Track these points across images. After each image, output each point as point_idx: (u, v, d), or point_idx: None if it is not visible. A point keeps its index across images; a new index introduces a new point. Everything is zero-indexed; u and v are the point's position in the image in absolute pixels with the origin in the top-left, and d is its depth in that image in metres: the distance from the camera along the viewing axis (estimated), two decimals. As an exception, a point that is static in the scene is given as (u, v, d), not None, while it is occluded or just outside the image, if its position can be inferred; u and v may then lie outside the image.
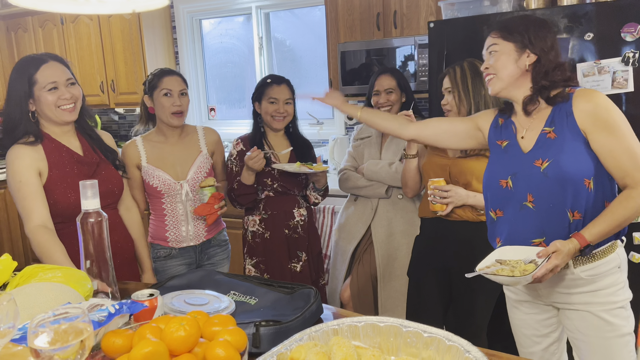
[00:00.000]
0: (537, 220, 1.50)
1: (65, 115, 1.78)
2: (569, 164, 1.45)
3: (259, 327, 1.13)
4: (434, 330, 1.00)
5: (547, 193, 1.47)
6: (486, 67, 1.60)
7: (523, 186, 1.52)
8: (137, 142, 2.20)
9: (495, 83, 1.57)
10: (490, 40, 1.60)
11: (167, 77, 2.14)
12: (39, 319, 0.87)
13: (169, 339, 0.93)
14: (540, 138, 1.52)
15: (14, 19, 4.42)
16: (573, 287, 1.52)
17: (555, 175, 1.46)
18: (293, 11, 3.98)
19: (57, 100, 1.74)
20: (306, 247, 2.38)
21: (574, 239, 1.41)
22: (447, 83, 2.05)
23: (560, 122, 1.49)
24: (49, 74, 1.74)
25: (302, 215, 2.38)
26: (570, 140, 1.46)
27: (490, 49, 1.59)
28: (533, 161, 1.50)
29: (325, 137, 3.81)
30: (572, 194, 1.45)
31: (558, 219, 1.47)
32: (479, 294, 2.03)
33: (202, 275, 1.50)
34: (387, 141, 2.48)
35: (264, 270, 2.35)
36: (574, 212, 1.46)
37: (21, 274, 1.36)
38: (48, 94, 1.73)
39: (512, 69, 1.54)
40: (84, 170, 1.83)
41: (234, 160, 2.35)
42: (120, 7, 1.34)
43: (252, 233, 2.37)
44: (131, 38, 3.97)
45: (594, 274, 1.49)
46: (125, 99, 4.10)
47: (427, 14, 2.94)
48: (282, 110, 2.29)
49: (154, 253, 2.25)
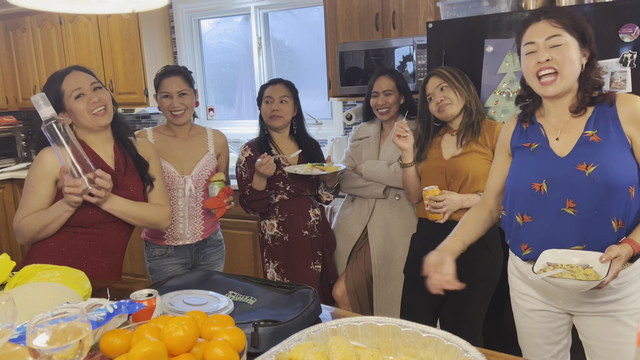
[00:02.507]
0: (579, 226, 1.41)
1: (99, 120, 1.74)
2: (617, 170, 1.37)
3: (257, 327, 1.13)
4: (432, 330, 1.00)
5: (592, 199, 1.39)
6: (547, 58, 1.39)
7: (562, 191, 1.43)
8: (147, 132, 2.24)
9: (558, 83, 1.40)
10: (551, 30, 1.39)
11: (166, 79, 2.17)
12: (38, 318, 0.87)
13: (168, 339, 0.93)
14: (581, 141, 1.42)
15: (13, 19, 4.41)
16: (600, 296, 1.45)
17: (603, 181, 1.37)
18: (292, 11, 3.98)
19: (87, 106, 1.71)
20: (322, 246, 2.41)
21: (627, 244, 1.35)
22: (438, 81, 2.06)
23: (605, 126, 1.40)
24: (73, 82, 1.72)
25: (317, 215, 2.40)
26: (617, 146, 1.38)
27: (554, 40, 1.38)
28: (575, 165, 1.41)
29: (324, 137, 3.81)
30: (616, 201, 1.38)
31: (602, 226, 1.40)
32: (473, 293, 2.03)
33: (201, 275, 1.50)
34: (385, 142, 2.48)
35: (284, 274, 2.36)
36: (618, 220, 1.39)
37: (20, 274, 1.36)
38: (76, 102, 1.71)
39: (577, 68, 1.39)
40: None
41: (242, 166, 2.36)
42: (119, 6, 1.34)
43: (271, 237, 2.37)
44: (130, 38, 3.96)
45: (621, 282, 1.43)
46: (124, 99, 4.10)
47: (426, 15, 2.94)
48: (276, 107, 2.29)
49: (149, 252, 2.26)
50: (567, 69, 1.38)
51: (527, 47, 1.44)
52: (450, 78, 2.06)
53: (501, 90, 2.19)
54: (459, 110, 2.06)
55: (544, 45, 1.39)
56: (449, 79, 2.06)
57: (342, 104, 3.73)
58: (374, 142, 2.51)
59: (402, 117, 2.31)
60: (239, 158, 2.40)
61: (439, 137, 2.15)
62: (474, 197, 2.00)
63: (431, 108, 2.10)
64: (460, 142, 2.05)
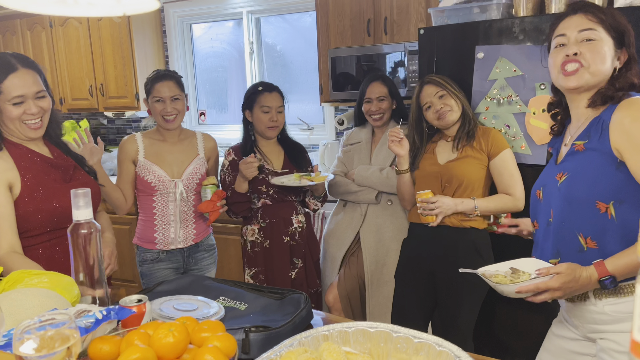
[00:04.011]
0: (554, 239, 1.36)
1: (30, 132, 1.62)
2: (581, 182, 1.28)
3: (248, 332, 1.13)
4: (424, 336, 0.99)
5: (559, 210, 1.33)
6: (575, 52, 1.28)
7: (547, 200, 1.39)
8: (137, 137, 2.23)
9: (582, 74, 1.28)
10: (586, 23, 1.28)
11: (159, 84, 2.16)
12: (25, 325, 0.85)
13: (158, 345, 0.92)
14: (570, 150, 1.35)
15: (2, 22, 4.38)
16: (600, 323, 1.32)
17: (566, 192, 1.31)
18: (284, 16, 3.99)
19: (22, 115, 1.59)
20: (303, 254, 2.38)
21: (593, 266, 1.23)
22: (435, 89, 2.07)
23: (594, 135, 1.29)
24: (17, 86, 1.56)
25: (301, 221, 2.37)
26: (595, 157, 1.26)
27: (586, 34, 1.27)
28: (556, 174, 1.36)
29: (316, 142, 3.81)
30: (581, 216, 1.28)
31: (569, 241, 1.32)
32: (463, 298, 2.04)
33: (191, 280, 1.49)
34: (377, 147, 2.48)
35: (263, 280, 2.34)
36: (586, 237, 1.29)
37: (7, 280, 1.34)
38: (13, 107, 1.57)
39: (607, 68, 1.27)
40: (59, 174, 1.68)
41: (226, 170, 2.35)
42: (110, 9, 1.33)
43: (251, 243, 2.35)
44: (121, 42, 3.95)
45: (620, 310, 1.27)
46: (115, 103, 4.08)
47: (417, 21, 2.96)
48: (275, 118, 2.28)
49: (140, 256, 2.25)
50: (595, 66, 1.26)
51: (557, 39, 1.33)
52: (446, 85, 2.06)
53: (492, 96, 2.21)
54: (458, 116, 2.07)
55: (575, 39, 1.28)
56: (446, 86, 2.06)
57: (333, 109, 3.73)
58: (365, 147, 2.51)
59: (396, 124, 2.32)
60: (223, 162, 2.38)
61: (433, 143, 2.16)
62: (468, 202, 2.01)
63: (428, 116, 2.10)
64: (456, 146, 2.06)
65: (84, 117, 4.46)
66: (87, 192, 1.20)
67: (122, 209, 2.20)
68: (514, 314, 2.29)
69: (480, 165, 2.03)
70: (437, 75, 2.13)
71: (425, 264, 2.12)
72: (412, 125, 2.17)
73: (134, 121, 4.55)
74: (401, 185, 2.19)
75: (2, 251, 1.55)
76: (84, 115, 4.57)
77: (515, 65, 2.14)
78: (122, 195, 2.18)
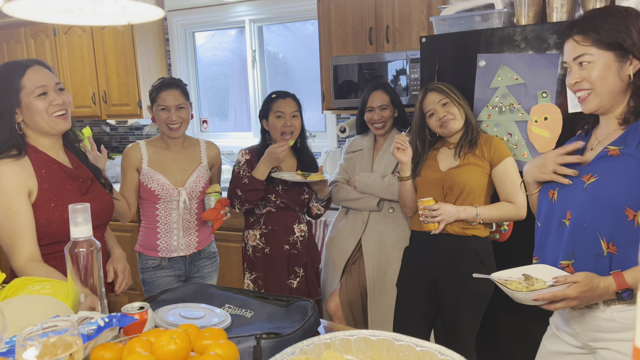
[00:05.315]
0: (569, 239, 1.34)
1: (59, 123, 1.62)
2: (613, 185, 1.26)
3: (260, 340, 1.12)
4: (426, 344, 0.99)
5: (583, 211, 1.31)
6: (576, 80, 1.32)
7: (564, 201, 1.37)
8: (141, 145, 2.23)
9: (591, 100, 1.32)
10: (578, 49, 1.31)
11: (164, 92, 2.16)
12: (28, 332, 0.86)
13: (159, 353, 0.92)
14: (601, 154, 1.33)
15: (6, 30, 4.41)
16: (606, 331, 1.30)
17: (594, 193, 1.29)
18: (286, 25, 4.01)
19: (48, 107, 1.58)
20: (304, 262, 2.38)
21: (612, 277, 1.23)
22: (438, 97, 2.07)
23: (631, 141, 1.27)
24: (37, 78, 1.58)
25: (303, 230, 2.38)
26: (631, 164, 1.25)
27: (581, 59, 1.31)
28: (582, 175, 1.34)
29: (318, 149, 3.82)
30: (608, 219, 1.27)
31: (589, 243, 1.30)
32: (466, 306, 2.03)
33: (195, 288, 1.49)
34: (379, 154, 2.49)
35: (262, 286, 2.34)
36: (609, 242, 1.27)
37: (9, 287, 1.34)
38: (37, 100, 1.57)
39: (613, 83, 1.28)
40: (76, 186, 1.67)
41: (241, 166, 2.35)
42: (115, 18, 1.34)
43: (252, 247, 2.36)
44: (124, 50, 3.97)
45: (630, 318, 1.26)
46: (117, 111, 4.09)
47: (419, 29, 2.97)
48: (289, 123, 2.29)
49: (143, 263, 2.25)
50: (600, 88, 1.29)
51: (565, 64, 1.38)
52: (450, 93, 2.06)
53: (494, 104, 2.21)
54: (461, 125, 2.07)
55: (575, 65, 1.33)
56: (449, 94, 2.06)
57: (335, 116, 3.74)
58: (367, 155, 2.51)
59: (398, 131, 2.32)
60: (238, 159, 2.38)
61: (435, 150, 2.16)
62: (470, 209, 2.00)
63: (431, 124, 2.10)
64: (459, 153, 2.06)
65: (86, 125, 4.48)
66: (87, 208, 1.11)
67: (126, 217, 2.18)
68: (517, 322, 2.28)
69: (482, 173, 2.03)
70: (441, 83, 2.13)
71: (427, 272, 2.12)
72: (414, 131, 2.18)
73: (136, 129, 4.57)
74: (403, 192, 2.19)
75: (22, 260, 1.56)
76: (86, 122, 4.59)
77: (517, 74, 2.15)
78: (126, 203, 2.18)
